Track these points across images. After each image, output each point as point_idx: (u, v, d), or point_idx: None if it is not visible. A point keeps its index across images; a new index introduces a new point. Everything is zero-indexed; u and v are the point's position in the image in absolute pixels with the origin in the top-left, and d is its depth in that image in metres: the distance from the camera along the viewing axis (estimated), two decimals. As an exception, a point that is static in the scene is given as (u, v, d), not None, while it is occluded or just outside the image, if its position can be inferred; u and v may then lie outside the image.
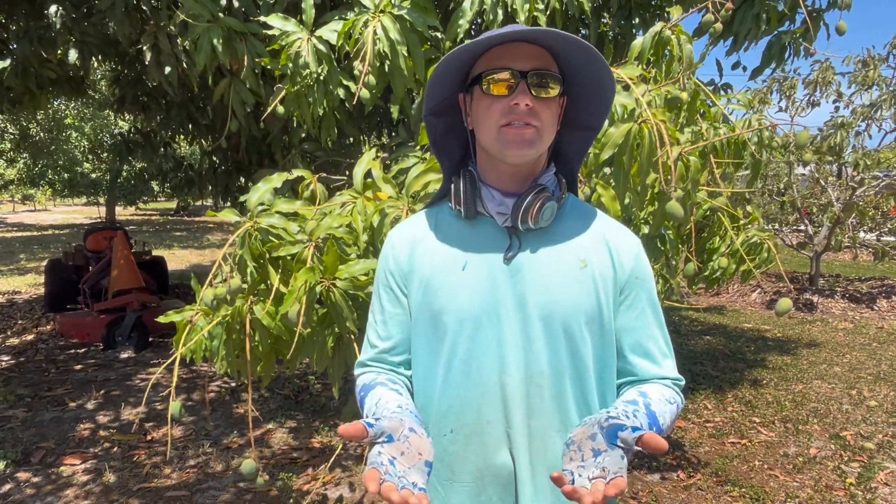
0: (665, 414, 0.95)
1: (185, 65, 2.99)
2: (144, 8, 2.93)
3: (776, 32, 2.95)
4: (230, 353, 1.53)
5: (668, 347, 1.04)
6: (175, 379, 1.50)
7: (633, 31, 2.81)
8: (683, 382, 1.03)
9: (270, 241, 1.52)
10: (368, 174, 1.68)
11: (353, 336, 1.51)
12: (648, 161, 1.38)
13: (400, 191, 1.61)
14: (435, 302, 1.01)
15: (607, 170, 1.58)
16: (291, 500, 2.89)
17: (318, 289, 1.40)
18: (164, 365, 1.61)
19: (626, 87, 1.54)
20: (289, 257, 1.52)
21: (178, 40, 2.82)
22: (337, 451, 1.92)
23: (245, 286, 1.54)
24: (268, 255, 1.53)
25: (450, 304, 1.00)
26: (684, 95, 1.53)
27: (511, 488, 1.00)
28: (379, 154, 1.80)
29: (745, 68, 3.53)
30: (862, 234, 8.50)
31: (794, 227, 8.69)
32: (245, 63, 2.46)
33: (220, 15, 2.40)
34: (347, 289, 1.43)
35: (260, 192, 1.56)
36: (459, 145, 1.11)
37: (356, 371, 1.12)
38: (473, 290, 0.99)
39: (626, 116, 1.47)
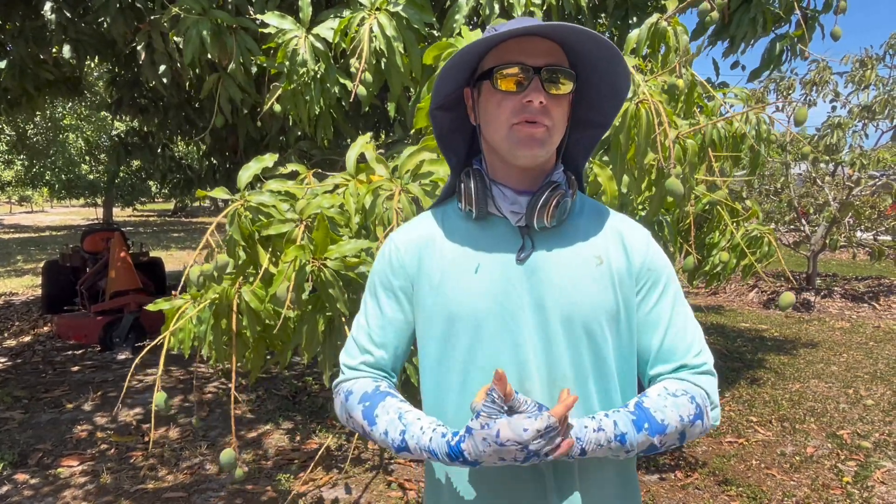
0: (666, 408, 0.89)
1: (178, 64, 2.99)
2: (139, 6, 2.93)
3: (773, 35, 2.97)
4: (218, 339, 1.51)
5: (693, 335, 0.98)
6: (161, 366, 1.49)
7: (630, 30, 2.82)
8: (707, 365, 0.97)
9: (260, 221, 1.49)
10: (362, 158, 1.66)
11: (344, 318, 1.49)
12: (646, 141, 1.37)
13: (393, 174, 1.59)
14: (447, 306, 0.97)
15: (605, 158, 1.57)
16: (288, 501, 2.88)
17: (308, 268, 1.38)
18: (149, 348, 1.59)
19: None
20: (278, 237, 1.49)
21: (171, 37, 2.82)
22: (321, 451, 1.90)
23: (233, 270, 1.53)
24: (257, 235, 1.50)
25: (463, 309, 0.96)
26: (681, 83, 1.53)
27: (538, 499, 0.95)
28: (376, 150, 1.79)
29: (743, 67, 3.56)
30: (859, 234, 8.52)
31: (791, 227, 8.71)
32: (234, 57, 2.45)
33: (212, 8, 2.40)
34: (338, 269, 1.41)
35: (251, 170, 1.53)
36: (465, 141, 1.07)
37: (345, 375, 1.04)
38: (488, 292, 0.95)
39: None
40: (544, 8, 2.15)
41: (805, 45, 2.95)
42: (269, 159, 1.54)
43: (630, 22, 2.74)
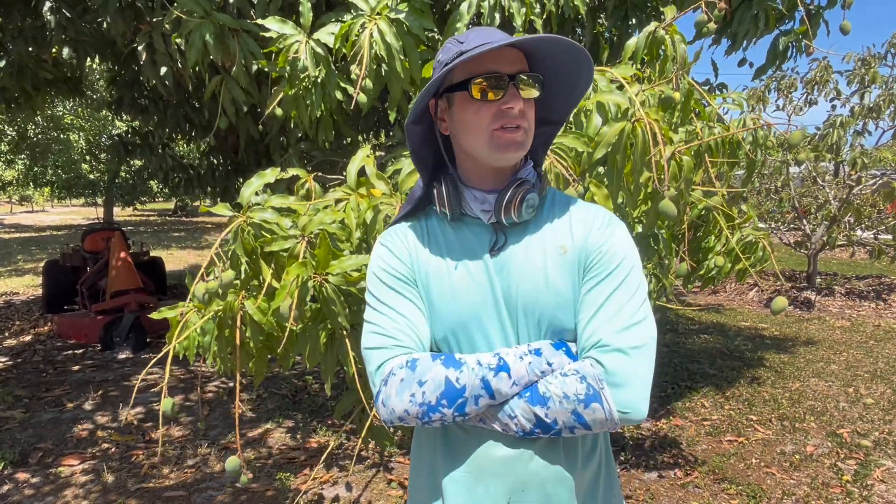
0: (550, 384, 0.93)
1: (179, 64, 2.99)
2: (139, 5, 2.93)
3: (777, 31, 2.96)
4: (222, 349, 1.53)
5: (622, 322, 0.94)
6: (167, 375, 1.50)
7: (629, 31, 2.82)
8: (620, 345, 0.93)
9: (263, 236, 1.51)
10: (362, 171, 1.67)
11: (345, 332, 1.51)
12: (641, 160, 1.39)
13: (394, 188, 1.61)
14: (432, 306, 1.02)
15: (601, 169, 1.58)
16: (288, 500, 2.89)
17: (310, 284, 1.40)
18: (155, 360, 1.61)
19: (620, 87, 1.54)
20: (281, 252, 1.52)
21: (173, 38, 2.83)
22: (328, 450, 1.92)
23: (237, 282, 1.54)
24: (260, 251, 1.52)
25: (446, 307, 1.01)
26: (677, 95, 1.54)
27: (507, 484, 1.00)
28: (375, 151, 1.80)
29: (751, 65, 3.51)
30: (859, 233, 8.53)
31: (792, 226, 8.71)
32: (237, 60, 2.46)
33: (214, 11, 2.40)
34: (340, 284, 1.42)
35: (253, 186, 1.54)
36: (433, 153, 1.11)
37: (392, 353, 0.99)
38: (467, 290, 1.00)
39: (619, 115, 1.47)
40: (544, 16, 2.16)
41: (810, 42, 2.94)
42: (270, 174, 1.55)
43: (630, 23, 2.74)
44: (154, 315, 1.57)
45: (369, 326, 1.02)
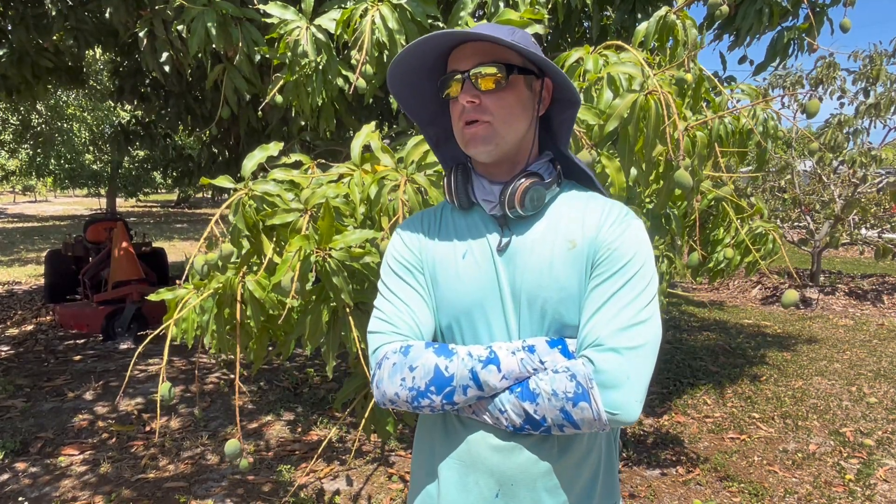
0: (541, 381, 0.91)
1: (181, 52, 2.96)
2: None
3: (780, 28, 2.94)
4: (221, 328, 1.50)
5: (621, 322, 0.91)
6: (165, 357, 1.48)
7: (637, 24, 2.79)
8: (615, 344, 0.90)
9: (265, 210, 1.47)
10: (367, 148, 1.63)
11: (348, 309, 1.48)
12: (655, 133, 1.35)
13: (399, 164, 1.57)
14: (438, 293, 1.03)
15: (614, 151, 1.55)
16: (289, 493, 2.89)
17: (312, 258, 1.36)
18: (150, 338, 1.58)
19: (627, 53, 1.51)
20: (283, 226, 1.48)
21: (174, 26, 2.80)
22: (325, 443, 1.90)
23: (237, 259, 1.52)
24: (261, 225, 1.49)
25: (451, 294, 1.01)
26: (689, 77, 1.50)
27: (496, 476, 0.99)
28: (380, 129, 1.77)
29: (751, 62, 3.49)
30: (864, 231, 8.47)
31: (795, 224, 8.66)
32: (240, 48, 2.44)
33: None
34: (343, 259, 1.39)
35: (255, 158, 1.50)
36: (448, 147, 1.14)
37: (389, 338, 1.01)
38: (472, 279, 1.00)
39: (631, 87, 1.43)
40: (549, 5, 2.13)
41: (813, 39, 2.92)
42: (273, 148, 1.51)
43: (637, 17, 2.71)
44: (152, 297, 1.54)
45: (375, 312, 1.05)
